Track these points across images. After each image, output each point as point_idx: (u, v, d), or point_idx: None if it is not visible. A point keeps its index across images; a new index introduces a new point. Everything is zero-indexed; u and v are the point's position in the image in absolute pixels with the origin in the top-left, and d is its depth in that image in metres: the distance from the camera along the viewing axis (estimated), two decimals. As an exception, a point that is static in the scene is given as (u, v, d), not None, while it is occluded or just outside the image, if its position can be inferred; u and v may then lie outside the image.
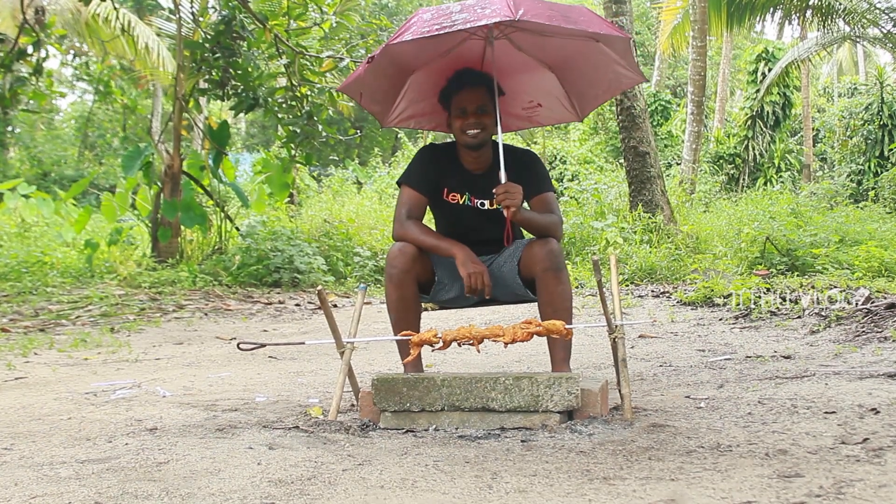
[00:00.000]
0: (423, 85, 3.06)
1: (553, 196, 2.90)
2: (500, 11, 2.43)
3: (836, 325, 4.17)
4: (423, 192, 2.89)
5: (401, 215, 2.85)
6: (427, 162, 2.94)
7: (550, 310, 2.69)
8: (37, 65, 7.94)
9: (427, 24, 2.52)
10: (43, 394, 3.29)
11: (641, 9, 28.29)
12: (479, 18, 2.45)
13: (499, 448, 2.22)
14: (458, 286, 2.86)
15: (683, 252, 8.11)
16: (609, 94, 3.24)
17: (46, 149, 21.75)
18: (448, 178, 2.92)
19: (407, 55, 2.89)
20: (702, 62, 11.77)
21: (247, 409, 2.90)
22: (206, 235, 8.97)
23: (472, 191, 2.91)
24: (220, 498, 1.80)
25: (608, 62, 2.94)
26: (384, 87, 3.03)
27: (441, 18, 2.50)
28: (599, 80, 3.07)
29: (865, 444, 2.04)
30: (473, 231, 2.91)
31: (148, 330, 5.60)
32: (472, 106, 2.83)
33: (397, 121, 3.19)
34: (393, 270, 2.74)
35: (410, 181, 2.90)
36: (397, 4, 25.01)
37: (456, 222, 2.95)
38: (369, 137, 23.76)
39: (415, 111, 3.17)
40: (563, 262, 2.75)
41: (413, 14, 2.69)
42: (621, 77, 3.01)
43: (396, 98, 3.11)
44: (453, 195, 2.93)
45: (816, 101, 24.00)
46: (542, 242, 2.74)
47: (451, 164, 2.93)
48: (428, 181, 2.90)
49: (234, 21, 8.02)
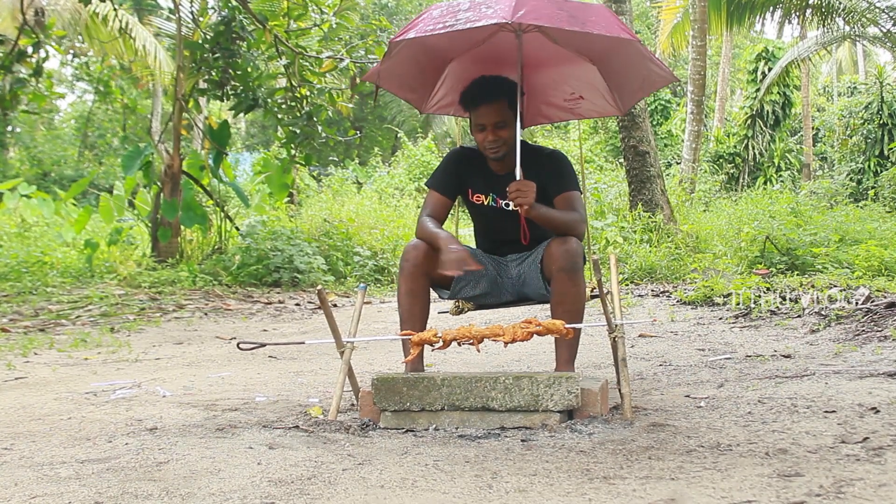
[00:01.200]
0: (462, 73, 3.08)
1: (577, 195, 2.87)
2: (500, 13, 2.42)
3: (836, 325, 4.17)
4: (445, 193, 2.95)
5: (420, 213, 2.91)
6: (452, 164, 2.99)
7: (562, 310, 2.68)
8: (36, 66, 7.95)
9: (432, 22, 2.53)
10: (43, 394, 3.29)
11: (641, 8, 28.29)
12: (480, 18, 2.45)
13: (499, 447, 2.22)
14: (485, 282, 2.91)
15: (683, 251, 8.10)
16: (643, 92, 3.23)
17: (46, 149, 21.76)
18: (473, 179, 2.96)
19: (440, 45, 2.92)
20: (701, 61, 11.77)
21: (247, 409, 2.90)
22: (206, 235, 8.98)
23: (496, 192, 2.93)
24: (220, 498, 1.80)
25: (641, 59, 2.92)
26: (418, 75, 3.08)
27: (447, 17, 2.51)
28: (636, 75, 3.06)
29: (865, 443, 2.04)
30: (500, 231, 2.97)
31: (148, 330, 5.60)
32: (490, 122, 2.81)
33: (436, 107, 3.26)
34: (405, 264, 2.80)
35: (434, 183, 2.97)
36: (397, 4, 25.03)
37: (484, 223, 3.03)
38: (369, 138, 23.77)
39: (454, 98, 3.17)
40: (580, 262, 2.72)
41: (425, 10, 2.69)
42: (654, 75, 2.98)
43: (434, 85, 3.16)
44: (478, 196, 2.96)
45: (816, 101, 24.00)
46: (560, 241, 2.73)
47: (478, 166, 2.96)
48: (451, 183, 2.96)
49: (233, 22, 8.03)
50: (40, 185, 16.78)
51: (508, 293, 2.99)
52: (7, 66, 7.72)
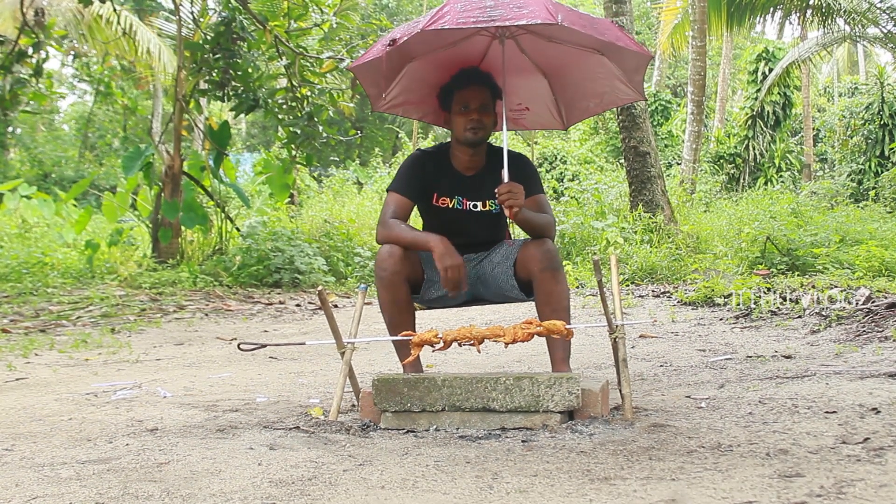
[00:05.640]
0: (417, 74, 3.04)
1: (545, 198, 2.92)
2: (540, 14, 2.39)
3: (837, 325, 4.17)
4: (408, 196, 2.88)
5: (384, 217, 2.83)
6: (415, 168, 2.93)
7: (549, 309, 2.70)
8: (37, 66, 7.95)
9: (462, 15, 2.45)
10: (43, 394, 3.29)
11: (641, 9, 28.30)
12: (517, 18, 2.40)
13: (499, 448, 2.22)
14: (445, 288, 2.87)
15: (684, 252, 8.10)
16: (601, 108, 3.24)
17: (47, 150, 21.77)
18: (438, 182, 2.92)
19: (412, 44, 2.88)
20: (702, 62, 11.77)
21: (247, 410, 2.90)
22: (207, 236, 8.98)
23: (463, 193, 2.92)
24: (220, 498, 1.80)
25: (607, 76, 2.94)
26: (381, 69, 2.99)
27: (476, 11, 2.45)
28: (593, 92, 3.08)
29: (866, 443, 2.04)
30: (464, 234, 2.91)
31: (148, 330, 5.60)
32: (476, 103, 2.83)
33: (388, 106, 3.17)
34: (383, 273, 2.73)
35: (396, 187, 2.90)
36: (398, 4, 25.03)
37: (446, 226, 2.92)
38: (370, 138, 23.77)
39: (405, 99, 3.15)
40: (560, 261, 2.77)
41: (446, 2, 2.65)
42: (618, 92, 3.01)
43: (391, 83, 3.08)
44: (443, 199, 2.92)
45: (817, 101, 24.01)
46: (538, 243, 2.75)
47: (442, 168, 2.93)
48: (415, 186, 2.90)
49: (234, 22, 8.03)
50: (41, 186, 16.78)
51: (463, 294, 2.92)
52: (7, 67, 7.73)
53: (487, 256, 2.94)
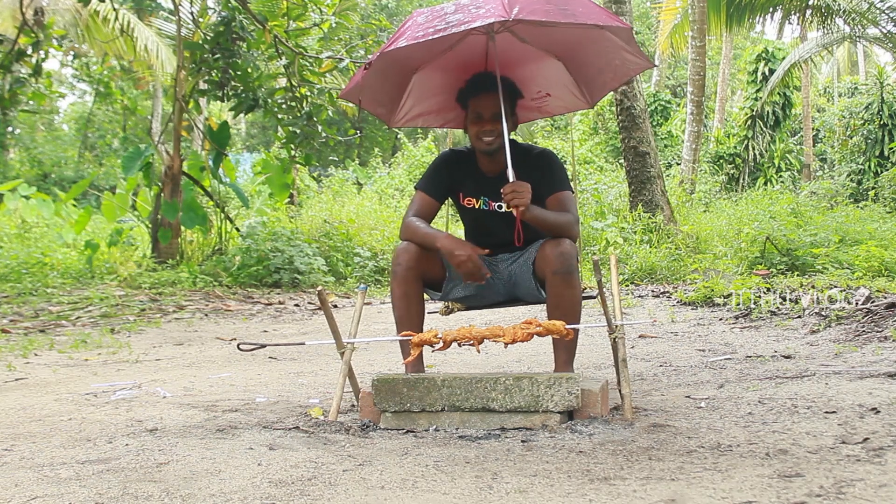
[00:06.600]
0: (427, 83, 3.06)
1: (569, 195, 2.86)
2: (495, 11, 2.40)
3: (837, 325, 4.17)
4: (432, 195, 2.91)
5: (406, 215, 2.88)
6: (440, 168, 2.96)
7: (559, 313, 2.66)
8: (36, 65, 7.95)
9: (422, 28, 2.49)
10: (43, 395, 3.29)
11: (641, 9, 28.31)
12: (473, 19, 2.42)
13: (499, 448, 2.22)
14: (471, 284, 2.86)
15: (683, 252, 8.11)
16: (618, 81, 3.18)
17: (46, 150, 21.77)
18: (464, 182, 2.94)
19: (407, 55, 2.88)
20: (701, 62, 11.77)
21: (247, 410, 2.90)
22: (207, 236, 8.98)
23: (487, 194, 2.92)
24: (220, 499, 1.80)
25: (615, 48, 2.90)
26: (387, 88, 3.02)
27: (435, 21, 2.47)
28: (607, 66, 3.03)
29: (866, 443, 2.04)
30: (492, 234, 2.93)
31: (148, 331, 5.60)
32: (488, 112, 2.81)
33: (404, 120, 3.19)
34: (397, 268, 2.77)
35: (422, 185, 2.94)
36: (397, 5, 25.02)
37: (475, 226, 2.99)
38: (369, 138, 23.76)
39: (422, 110, 3.17)
40: (575, 264, 2.70)
41: (408, 17, 2.67)
42: (628, 63, 2.97)
43: (401, 98, 3.10)
44: (469, 200, 2.95)
45: (816, 101, 24.00)
46: (554, 243, 2.71)
47: (468, 169, 2.94)
48: (440, 185, 2.93)
49: (233, 22, 8.03)
50: (40, 187, 16.78)
51: (499, 294, 2.96)
52: (7, 66, 7.72)
53: (522, 255, 2.92)
